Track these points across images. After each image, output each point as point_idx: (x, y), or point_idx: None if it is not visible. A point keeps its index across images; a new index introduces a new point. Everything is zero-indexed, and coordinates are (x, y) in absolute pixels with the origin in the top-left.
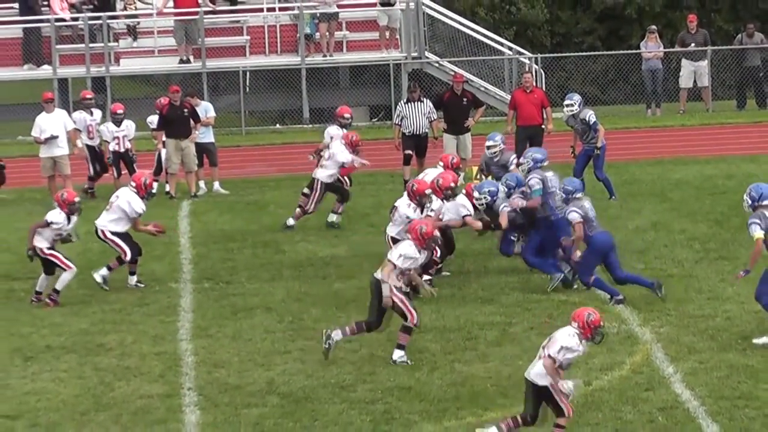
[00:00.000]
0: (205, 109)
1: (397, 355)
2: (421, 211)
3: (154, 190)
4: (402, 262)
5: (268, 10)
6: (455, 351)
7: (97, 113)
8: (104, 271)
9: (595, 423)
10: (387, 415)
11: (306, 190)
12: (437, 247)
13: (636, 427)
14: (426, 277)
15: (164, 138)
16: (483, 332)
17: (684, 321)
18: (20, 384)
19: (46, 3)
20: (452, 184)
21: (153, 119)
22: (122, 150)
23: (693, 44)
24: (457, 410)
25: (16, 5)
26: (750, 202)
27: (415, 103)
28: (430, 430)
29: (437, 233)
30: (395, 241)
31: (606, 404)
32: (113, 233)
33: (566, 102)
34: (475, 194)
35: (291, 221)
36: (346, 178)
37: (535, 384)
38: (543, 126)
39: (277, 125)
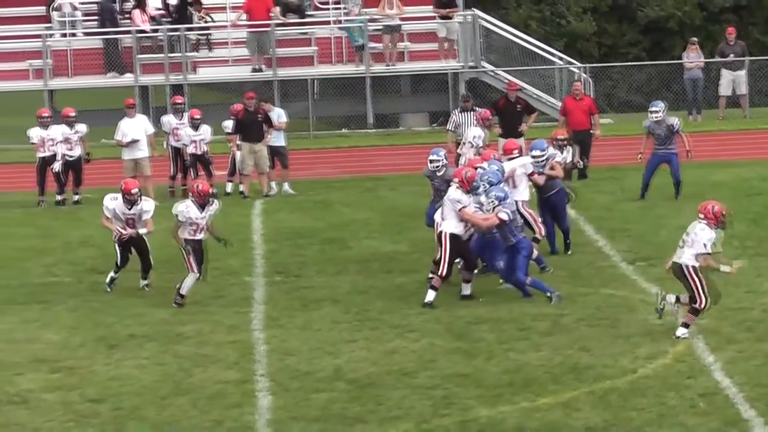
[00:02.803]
0: (278, 114)
1: (680, 332)
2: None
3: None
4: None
5: (335, 22)
6: (509, 341)
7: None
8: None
9: (641, 408)
10: (446, 400)
11: None
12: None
13: (678, 411)
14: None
15: (239, 141)
16: (535, 323)
17: (723, 313)
18: (105, 370)
19: (128, 16)
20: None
21: (228, 124)
22: (199, 152)
23: (732, 55)
24: (511, 396)
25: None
26: None
27: (468, 112)
28: (486, 414)
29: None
30: (452, 237)
31: (651, 390)
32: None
33: (652, 108)
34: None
35: None
36: None
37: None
38: (591, 131)
39: (344, 130)
